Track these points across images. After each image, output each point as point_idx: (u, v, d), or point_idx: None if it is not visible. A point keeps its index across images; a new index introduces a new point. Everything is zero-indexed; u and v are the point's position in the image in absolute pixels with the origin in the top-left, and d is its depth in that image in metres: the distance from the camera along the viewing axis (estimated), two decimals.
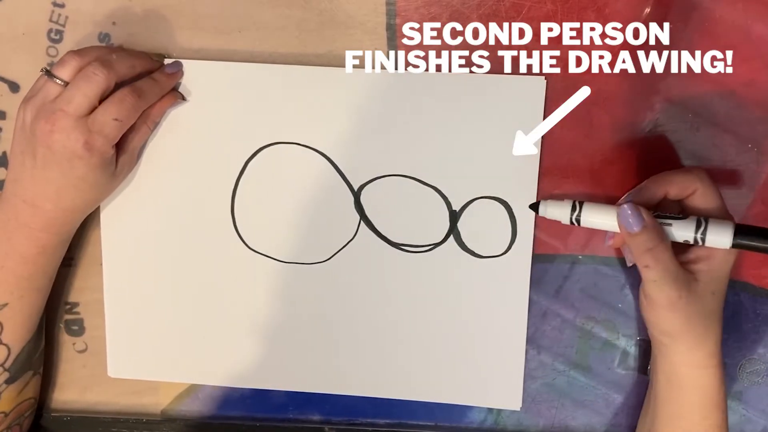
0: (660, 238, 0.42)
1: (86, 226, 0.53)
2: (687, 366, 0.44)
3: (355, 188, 0.50)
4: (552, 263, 0.51)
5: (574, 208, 0.45)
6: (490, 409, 0.53)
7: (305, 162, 0.50)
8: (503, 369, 0.51)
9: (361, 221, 0.50)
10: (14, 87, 0.52)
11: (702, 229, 0.41)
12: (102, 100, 0.45)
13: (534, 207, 0.47)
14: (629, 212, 0.42)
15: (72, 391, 0.55)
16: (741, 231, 0.41)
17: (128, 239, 0.52)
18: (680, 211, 0.45)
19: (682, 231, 0.42)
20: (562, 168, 0.49)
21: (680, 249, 0.44)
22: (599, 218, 0.44)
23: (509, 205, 0.49)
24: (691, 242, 0.42)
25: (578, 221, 0.44)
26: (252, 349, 0.53)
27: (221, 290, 0.52)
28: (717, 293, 0.43)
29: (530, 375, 0.52)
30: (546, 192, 0.49)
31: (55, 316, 0.54)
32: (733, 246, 0.41)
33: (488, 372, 0.51)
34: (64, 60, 0.45)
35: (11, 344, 0.49)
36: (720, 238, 0.41)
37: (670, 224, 0.42)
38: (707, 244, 0.42)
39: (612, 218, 0.43)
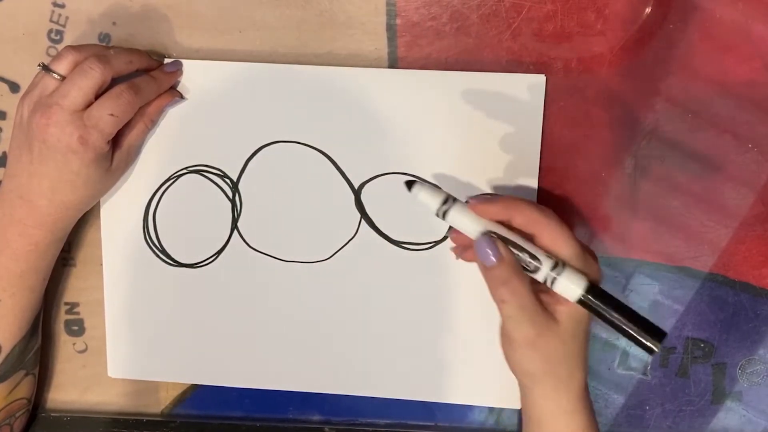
0: (516, 272, 0.39)
1: (86, 226, 0.53)
2: (552, 410, 0.42)
3: (356, 186, 0.50)
4: None
5: (445, 201, 0.41)
6: (490, 409, 0.53)
7: (305, 161, 0.50)
8: (504, 368, 0.51)
9: (362, 219, 0.50)
10: (14, 87, 0.52)
11: (556, 271, 0.39)
12: (99, 95, 0.45)
13: (409, 185, 0.42)
14: (485, 244, 0.40)
15: (72, 391, 0.55)
16: (592, 291, 0.37)
17: (128, 239, 0.52)
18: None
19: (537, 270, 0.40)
20: (562, 168, 0.49)
21: (541, 289, 0.41)
22: (465, 222, 0.41)
23: None
24: (541, 281, 0.40)
25: (444, 215, 0.41)
26: (252, 348, 0.53)
27: (222, 289, 0.52)
28: (578, 337, 0.41)
29: None
30: (546, 191, 0.49)
31: (55, 316, 0.54)
32: (580, 302, 0.38)
33: (489, 371, 0.51)
34: (61, 54, 0.45)
35: (2, 342, 0.49)
36: (569, 289, 0.38)
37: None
38: (555, 288, 0.39)
39: (477, 226, 0.41)
